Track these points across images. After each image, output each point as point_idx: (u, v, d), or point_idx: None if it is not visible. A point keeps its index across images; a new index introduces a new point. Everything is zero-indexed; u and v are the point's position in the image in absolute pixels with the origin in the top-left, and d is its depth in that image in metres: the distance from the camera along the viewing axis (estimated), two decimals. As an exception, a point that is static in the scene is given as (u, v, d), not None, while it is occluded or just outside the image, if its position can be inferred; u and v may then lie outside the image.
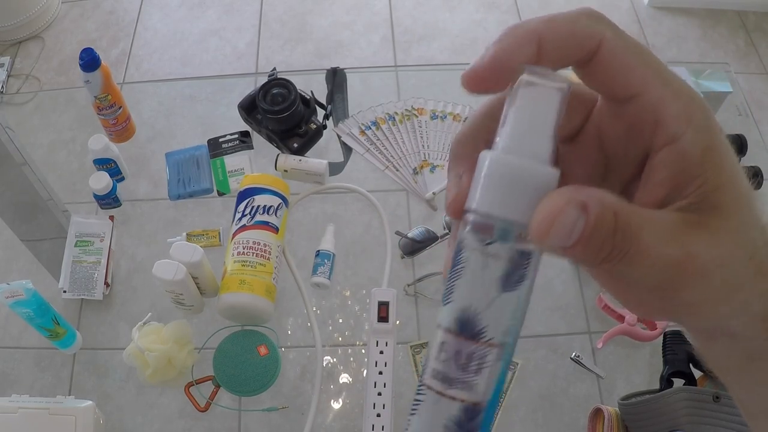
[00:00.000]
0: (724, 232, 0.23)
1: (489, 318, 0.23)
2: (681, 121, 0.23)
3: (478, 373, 0.23)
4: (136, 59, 2.23)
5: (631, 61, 0.24)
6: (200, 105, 1.23)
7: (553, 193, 0.22)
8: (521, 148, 0.23)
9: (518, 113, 0.23)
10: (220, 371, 0.92)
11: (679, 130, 0.23)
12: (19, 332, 0.97)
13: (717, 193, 0.23)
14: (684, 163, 0.23)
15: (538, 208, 0.22)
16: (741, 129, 1.12)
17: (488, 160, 0.23)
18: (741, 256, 0.23)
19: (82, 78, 1.03)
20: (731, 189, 0.24)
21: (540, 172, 0.23)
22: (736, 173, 0.24)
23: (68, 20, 2.34)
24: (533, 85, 0.23)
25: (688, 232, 0.23)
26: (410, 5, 2.38)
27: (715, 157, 0.23)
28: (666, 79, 0.24)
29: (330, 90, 1.20)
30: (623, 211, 0.22)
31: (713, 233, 0.23)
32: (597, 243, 0.22)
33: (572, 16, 0.24)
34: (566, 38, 0.24)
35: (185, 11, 2.37)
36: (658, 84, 0.24)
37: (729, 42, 2.31)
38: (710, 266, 0.23)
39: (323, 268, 0.99)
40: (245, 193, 1.00)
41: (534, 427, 0.91)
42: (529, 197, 0.22)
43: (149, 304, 0.98)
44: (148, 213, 1.10)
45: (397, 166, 1.12)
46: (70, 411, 0.83)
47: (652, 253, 0.22)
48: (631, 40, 0.24)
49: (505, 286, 0.23)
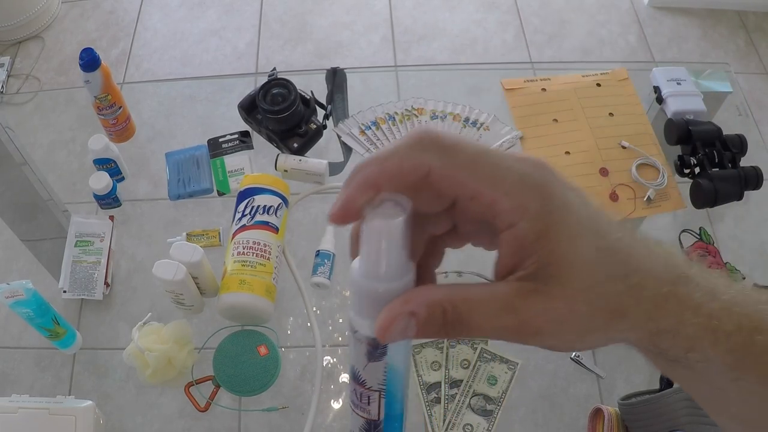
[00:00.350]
0: (560, 297, 0.28)
1: (366, 374, 0.34)
2: (514, 214, 0.28)
3: (368, 404, 0.35)
4: (136, 59, 2.23)
5: (459, 177, 0.29)
6: (200, 105, 1.23)
7: (389, 307, 0.28)
8: (370, 272, 0.29)
9: (367, 245, 0.29)
10: (220, 371, 0.92)
11: (514, 220, 0.28)
12: (19, 332, 0.97)
13: (551, 267, 0.28)
14: (520, 245, 0.28)
15: (378, 319, 0.28)
16: (741, 129, 1.12)
17: (352, 281, 0.30)
18: (583, 312, 0.28)
19: (82, 78, 1.03)
20: (566, 263, 0.28)
21: (382, 291, 0.29)
22: (574, 247, 0.28)
23: (68, 20, 2.34)
24: (375, 221, 0.28)
25: (524, 301, 0.28)
26: (410, 5, 2.39)
27: (548, 242, 0.28)
28: (497, 181, 0.28)
29: (330, 90, 1.20)
30: (454, 304, 0.28)
31: (550, 298, 0.28)
32: (431, 333, 0.28)
33: (401, 152, 0.29)
34: (397, 177, 0.29)
35: (185, 11, 2.37)
36: (488, 189, 0.28)
37: (729, 42, 2.31)
38: (546, 327, 0.28)
39: (323, 268, 0.99)
40: (245, 193, 1.00)
41: (534, 427, 0.91)
42: (373, 308, 0.29)
43: (149, 304, 0.98)
44: (148, 213, 1.10)
45: (397, 166, 1.12)
46: (70, 411, 0.83)
47: (486, 327, 0.28)
48: (463, 155, 0.29)
49: (370, 358, 0.32)
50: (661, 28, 2.35)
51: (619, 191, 1.10)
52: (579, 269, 0.28)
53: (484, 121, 1.17)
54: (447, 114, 1.18)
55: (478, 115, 1.18)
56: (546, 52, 2.26)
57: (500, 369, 0.92)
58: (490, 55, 2.25)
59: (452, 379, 0.91)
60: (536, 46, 2.27)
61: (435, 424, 0.88)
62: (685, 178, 1.11)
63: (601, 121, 1.18)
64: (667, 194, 1.10)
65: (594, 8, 2.39)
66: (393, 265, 0.29)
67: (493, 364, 0.92)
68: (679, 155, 1.11)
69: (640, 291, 0.28)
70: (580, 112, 1.19)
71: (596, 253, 0.28)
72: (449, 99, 1.20)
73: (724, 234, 1.08)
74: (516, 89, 1.22)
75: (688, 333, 0.29)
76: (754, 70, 2.24)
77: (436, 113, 1.18)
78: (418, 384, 0.91)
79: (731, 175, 1.05)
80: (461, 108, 1.19)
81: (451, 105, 1.19)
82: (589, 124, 1.18)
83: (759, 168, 1.06)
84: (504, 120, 1.18)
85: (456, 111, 1.19)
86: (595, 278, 0.28)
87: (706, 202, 1.05)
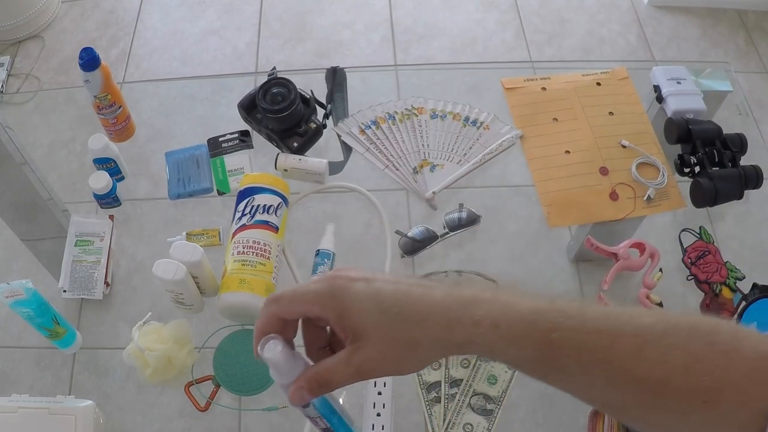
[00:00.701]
0: (369, 347, 0.45)
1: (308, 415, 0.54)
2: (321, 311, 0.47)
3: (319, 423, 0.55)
4: (135, 58, 2.23)
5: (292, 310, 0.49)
6: (200, 104, 1.23)
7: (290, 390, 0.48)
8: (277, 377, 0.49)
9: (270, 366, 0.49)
10: (220, 371, 0.92)
11: (322, 314, 0.47)
12: (19, 332, 0.97)
13: (357, 332, 0.46)
14: (333, 325, 0.47)
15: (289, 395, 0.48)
16: (741, 128, 1.12)
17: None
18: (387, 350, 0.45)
19: (82, 77, 1.03)
20: (361, 327, 0.45)
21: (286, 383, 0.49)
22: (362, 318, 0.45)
23: (68, 20, 2.34)
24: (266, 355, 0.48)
25: (353, 356, 0.46)
26: (410, 5, 2.38)
27: (347, 320, 0.46)
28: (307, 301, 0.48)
29: (330, 89, 1.20)
30: (320, 374, 0.47)
31: (364, 349, 0.45)
32: (315, 392, 0.48)
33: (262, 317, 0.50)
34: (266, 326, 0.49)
35: (185, 11, 2.37)
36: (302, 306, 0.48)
37: (729, 41, 2.31)
38: (370, 366, 0.45)
39: (323, 268, 0.99)
40: (245, 192, 1.00)
41: (534, 426, 0.91)
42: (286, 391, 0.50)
43: (149, 303, 0.98)
44: (148, 212, 1.10)
45: (397, 166, 1.12)
46: (70, 411, 0.83)
47: (340, 380, 0.46)
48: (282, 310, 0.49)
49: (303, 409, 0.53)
50: (661, 27, 2.35)
51: (619, 190, 1.10)
52: (372, 327, 0.45)
53: (484, 120, 1.17)
54: (447, 113, 1.18)
55: (478, 114, 1.18)
56: (546, 51, 2.26)
57: (500, 368, 0.92)
58: (490, 54, 2.25)
59: (452, 378, 0.91)
60: (536, 46, 2.27)
61: (435, 423, 0.88)
62: (685, 177, 1.11)
63: (601, 120, 1.18)
64: (667, 193, 1.10)
65: (594, 7, 2.39)
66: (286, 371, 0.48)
67: (493, 363, 0.92)
68: (679, 154, 1.11)
69: (426, 324, 0.44)
70: (580, 111, 1.19)
71: (380, 315, 0.45)
72: (449, 98, 1.20)
73: (724, 233, 1.07)
74: (516, 88, 1.22)
75: (481, 342, 0.43)
76: (754, 69, 2.24)
77: (436, 112, 1.18)
78: (419, 383, 0.91)
79: (731, 174, 1.05)
80: (461, 107, 1.19)
81: (451, 104, 1.19)
82: (589, 123, 1.18)
83: (759, 167, 1.06)
84: (504, 119, 1.18)
85: (456, 110, 1.19)
86: (385, 328, 0.45)
87: (706, 201, 1.05)
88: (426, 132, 1.16)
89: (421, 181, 1.10)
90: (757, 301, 0.97)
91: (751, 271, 1.01)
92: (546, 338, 0.42)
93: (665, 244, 1.04)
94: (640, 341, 0.42)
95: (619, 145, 1.15)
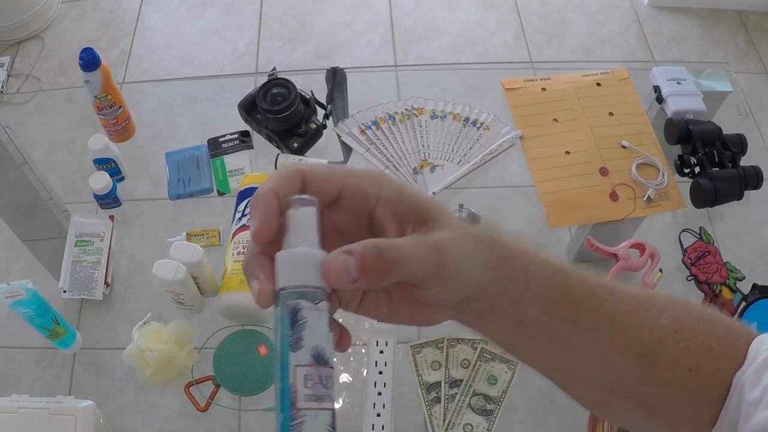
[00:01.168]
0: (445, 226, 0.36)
1: (329, 350, 0.34)
2: (374, 187, 0.36)
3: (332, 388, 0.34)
4: (136, 59, 2.23)
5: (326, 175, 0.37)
6: (200, 105, 1.23)
7: (330, 254, 0.34)
8: (303, 242, 0.35)
9: (295, 224, 0.35)
10: (220, 371, 0.92)
11: (376, 192, 0.36)
12: (19, 332, 0.97)
13: (421, 212, 0.36)
14: (391, 207, 0.36)
15: (323, 265, 0.34)
16: (741, 129, 1.12)
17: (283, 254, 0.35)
18: (464, 231, 0.36)
19: (82, 78, 1.03)
20: (428, 206, 0.37)
21: (317, 253, 0.34)
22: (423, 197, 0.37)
23: (68, 20, 2.34)
24: (298, 205, 0.35)
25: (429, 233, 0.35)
26: (410, 5, 2.38)
27: (407, 194, 0.37)
28: (352, 172, 0.37)
29: (330, 90, 1.20)
30: (382, 242, 0.34)
31: (440, 228, 0.36)
32: (372, 267, 0.33)
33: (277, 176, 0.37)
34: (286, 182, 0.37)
35: (185, 11, 2.37)
36: (348, 177, 0.37)
37: (729, 41, 2.31)
38: (453, 241, 0.35)
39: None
40: (245, 192, 1.00)
41: (534, 426, 0.91)
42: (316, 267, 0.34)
43: (149, 304, 0.98)
44: (148, 213, 1.10)
45: (397, 166, 1.12)
46: (70, 411, 0.83)
47: (414, 251, 0.34)
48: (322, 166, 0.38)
49: (330, 328, 0.35)
50: (661, 27, 2.34)
51: (619, 191, 1.10)
52: (439, 209, 0.37)
53: (484, 121, 1.17)
54: (447, 114, 1.18)
55: (478, 115, 1.18)
56: (546, 52, 2.26)
57: (500, 368, 0.92)
58: (490, 54, 2.25)
59: (452, 378, 0.91)
60: (536, 46, 2.27)
61: (435, 423, 0.88)
62: (685, 177, 1.11)
63: (601, 121, 1.18)
64: (667, 194, 1.10)
65: (594, 8, 2.39)
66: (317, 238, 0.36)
67: (493, 363, 0.92)
68: (679, 155, 1.11)
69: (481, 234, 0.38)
70: (580, 111, 1.19)
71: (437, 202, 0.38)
72: (449, 99, 1.20)
73: (724, 233, 1.08)
74: (516, 89, 1.22)
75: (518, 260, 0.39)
76: (754, 70, 2.24)
77: (436, 113, 1.18)
78: (419, 384, 0.91)
79: (731, 174, 1.05)
80: (461, 108, 1.19)
81: (451, 105, 1.19)
82: (589, 123, 1.18)
83: (759, 168, 1.06)
84: (504, 120, 1.18)
85: (456, 111, 1.19)
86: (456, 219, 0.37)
87: (706, 202, 1.05)
88: (426, 132, 1.16)
89: (421, 181, 1.10)
90: (757, 302, 0.97)
91: (751, 271, 1.01)
92: (567, 279, 0.40)
93: (665, 244, 1.04)
94: (635, 303, 0.42)
95: (619, 146, 1.15)
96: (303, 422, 0.33)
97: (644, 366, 0.41)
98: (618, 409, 0.45)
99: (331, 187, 0.37)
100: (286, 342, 0.34)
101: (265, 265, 0.36)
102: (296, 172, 0.36)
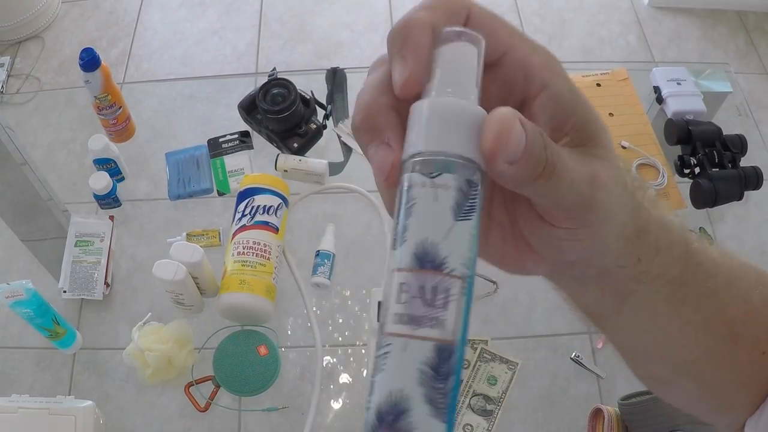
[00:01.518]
0: (605, 158, 0.28)
1: (448, 248, 0.23)
2: (546, 71, 0.27)
3: (445, 307, 0.22)
4: (136, 59, 2.23)
5: (495, 25, 0.27)
6: (200, 105, 1.23)
7: (501, 111, 0.24)
8: (454, 92, 0.25)
9: (447, 65, 0.25)
10: (220, 371, 0.92)
11: (546, 78, 0.27)
12: (19, 332, 0.97)
13: (588, 126, 0.28)
14: (558, 105, 0.27)
15: (490, 125, 0.24)
16: (741, 129, 1.12)
17: (426, 105, 0.24)
18: (620, 177, 0.28)
19: (82, 78, 1.03)
20: (597, 122, 0.28)
21: (474, 110, 0.24)
22: (593, 108, 0.28)
23: (68, 20, 2.34)
24: (456, 42, 0.25)
25: (585, 157, 0.27)
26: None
27: (580, 96, 0.28)
28: (523, 37, 0.27)
29: (330, 90, 1.20)
30: (546, 137, 0.25)
31: (600, 159, 0.28)
32: (535, 155, 0.24)
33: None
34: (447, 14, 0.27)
35: (185, 11, 2.37)
36: (519, 41, 0.27)
37: (729, 42, 2.31)
38: (610, 183, 0.27)
39: (323, 268, 0.99)
40: (245, 193, 1.00)
41: (534, 427, 0.91)
42: (469, 130, 0.24)
43: (149, 304, 0.98)
44: (148, 213, 1.10)
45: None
46: (70, 411, 0.83)
47: (572, 168, 0.26)
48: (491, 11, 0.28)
49: (457, 215, 0.23)
50: (661, 28, 2.34)
51: (619, 191, 1.10)
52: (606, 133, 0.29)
53: (484, 121, 1.17)
54: (447, 114, 1.18)
55: (478, 115, 1.18)
56: (546, 52, 2.26)
57: (500, 369, 0.92)
58: (490, 55, 2.24)
59: (452, 379, 0.91)
60: (536, 46, 2.27)
61: (435, 424, 0.88)
62: (685, 178, 1.11)
63: (601, 121, 1.18)
64: (667, 194, 1.10)
65: (594, 8, 2.39)
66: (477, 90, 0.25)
67: (493, 364, 0.92)
68: (679, 155, 1.11)
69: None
70: (580, 112, 1.19)
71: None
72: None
73: (724, 234, 1.07)
74: (516, 89, 1.22)
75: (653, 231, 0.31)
76: (754, 70, 2.24)
77: (436, 113, 1.18)
78: (418, 384, 0.91)
79: (731, 175, 1.05)
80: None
81: (451, 105, 1.19)
82: (589, 124, 1.18)
83: (759, 168, 1.06)
84: (504, 120, 1.18)
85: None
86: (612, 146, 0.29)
87: (706, 202, 1.05)
88: (426, 133, 1.16)
89: (421, 181, 1.10)
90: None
91: (751, 271, 1.01)
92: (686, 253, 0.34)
93: (665, 244, 1.04)
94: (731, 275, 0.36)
95: (619, 146, 1.15)
96: (386, 354, 0.22)
97: (727, 346, 0.36)
98: (679, 388, 0.40)
99: (498, 42, 0.27)
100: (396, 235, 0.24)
101: (397, 125, 0.26)
102: (461, 4, 0.27)
